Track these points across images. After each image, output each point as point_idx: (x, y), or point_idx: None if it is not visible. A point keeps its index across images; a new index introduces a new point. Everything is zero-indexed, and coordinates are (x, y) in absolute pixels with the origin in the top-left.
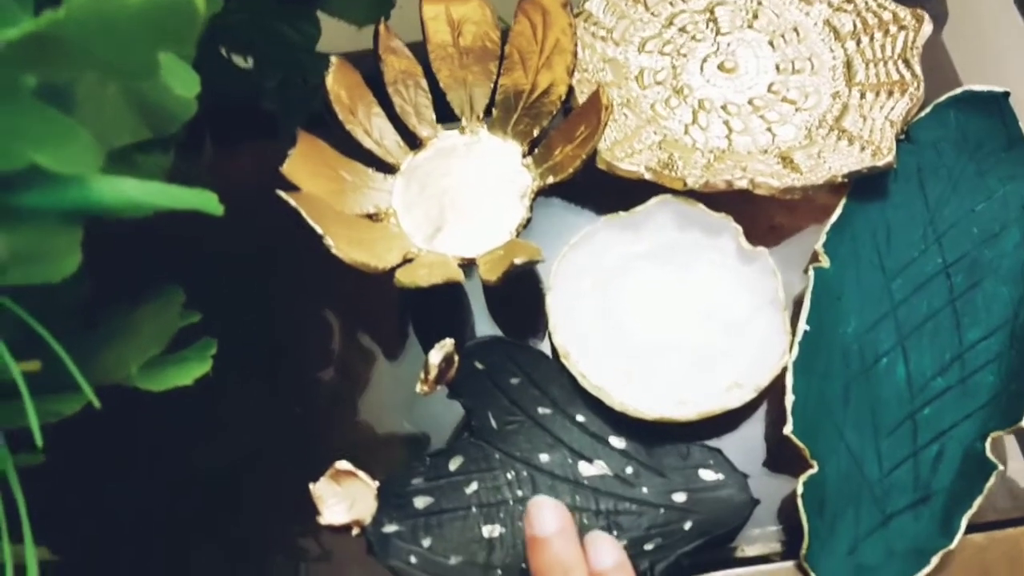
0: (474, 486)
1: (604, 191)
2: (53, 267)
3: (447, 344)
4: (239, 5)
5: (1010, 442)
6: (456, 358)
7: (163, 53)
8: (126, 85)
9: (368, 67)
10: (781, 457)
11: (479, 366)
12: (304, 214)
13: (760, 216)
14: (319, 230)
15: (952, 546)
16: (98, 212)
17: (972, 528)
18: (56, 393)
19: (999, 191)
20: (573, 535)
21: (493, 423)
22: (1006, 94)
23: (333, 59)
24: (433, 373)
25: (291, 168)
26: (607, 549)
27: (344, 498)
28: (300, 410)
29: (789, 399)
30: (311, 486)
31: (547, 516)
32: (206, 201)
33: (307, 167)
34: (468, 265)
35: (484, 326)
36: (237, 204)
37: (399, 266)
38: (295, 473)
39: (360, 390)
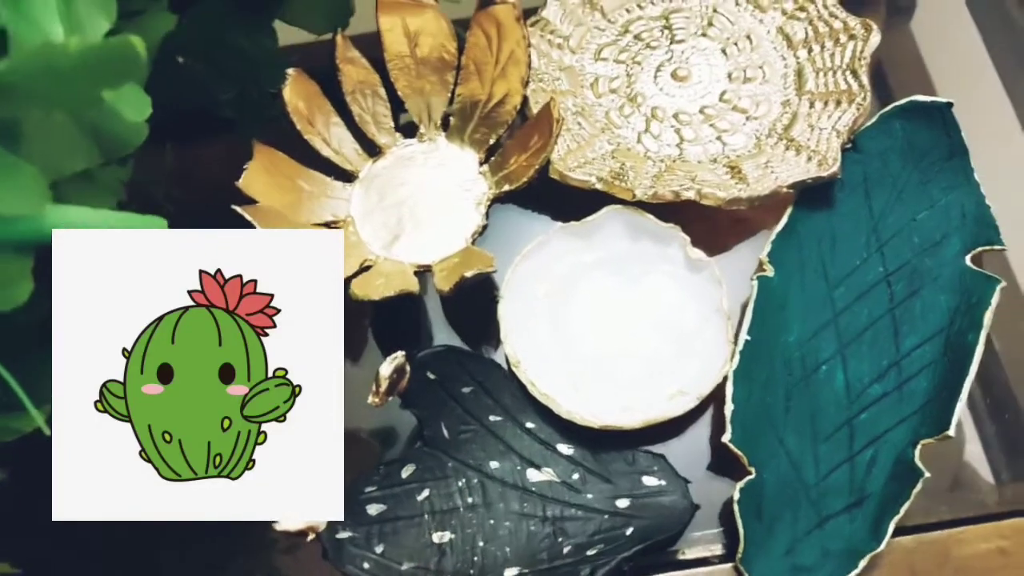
0: (426, 493)
1: (560, 199)
2: (6, 296)
3: (398, 356)
4: (195, 17)
5: (944, 445)
6: (408, 369)
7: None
8: (76, 115)
9: (326, 62)
10: (724, 462)
11: (431, 376)
12: (259, 227)
13: (710, 224)
14: None
15: (881, 548)
16: (48, 242)
17: (901, 531)
18: (12, 411)
19: (941, 200)
20: None
21: (446, 432)
22: (949, 104)
23: (290, 71)
24: (384, 385)
25: (248, 181)
26: None
27: None
28: None
29: (728, 408)
30: None
31: None
32: (156, 225)
33: (264, 179)
34: (425, 272)
35: (441, 332)
36: (201, 211)
37: (356, 274)
38: None
39: None
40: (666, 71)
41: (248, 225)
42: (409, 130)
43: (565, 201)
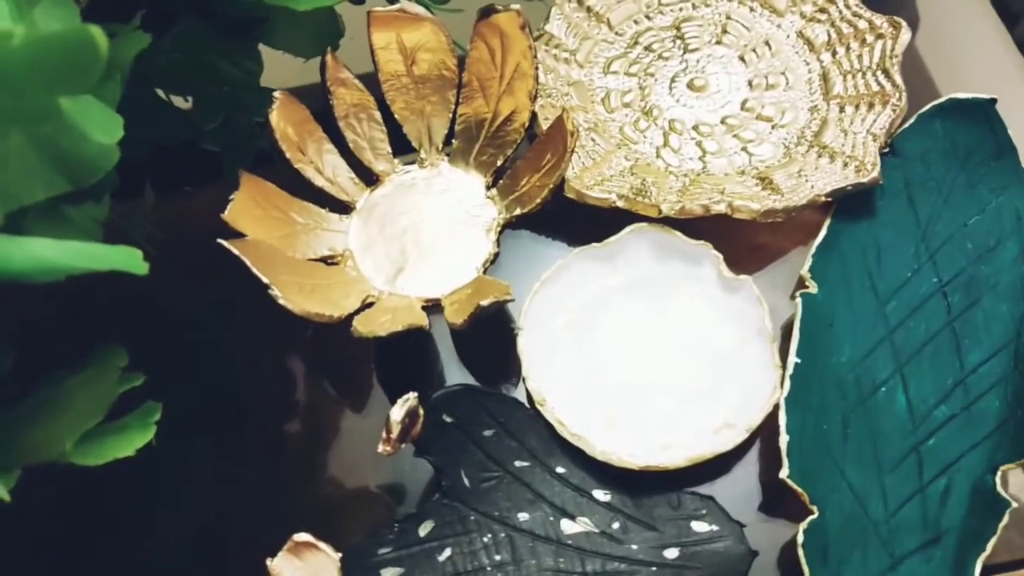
0: (447, 552)
1: (575, 221)
2: None
3: (410, 398)
4: (173, 43)
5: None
6: (421, 412)
7: (69, 97)
8: (34, 135)
9: (317, 101)
10: (778, 501)
11: (448, 419)
12: (248, 263)
13: (741, 239)
14: (264, 279)
15: None
16: (5, 278)
17: (987, 570)
18: None
19: (992, 203)
20: None
21: (466, 481)
22: (993, 100)
23: (277, 95)
24: (396, 431)
25: (234, 214)
26: None
27: (306, 573)
28: (258, 474)
29: (783, 439)
30: (268, 563)
31: None
32: (129, 259)
33: (252, 211)
34: (433, 306)
35: (454, 372)
36: (184, 254)
37: (358, 312)
38: (253, 544)
39: (323, 448)
40: (682, 82)
41: (236, 261)
42: (408, 154)
43: (582, 222)
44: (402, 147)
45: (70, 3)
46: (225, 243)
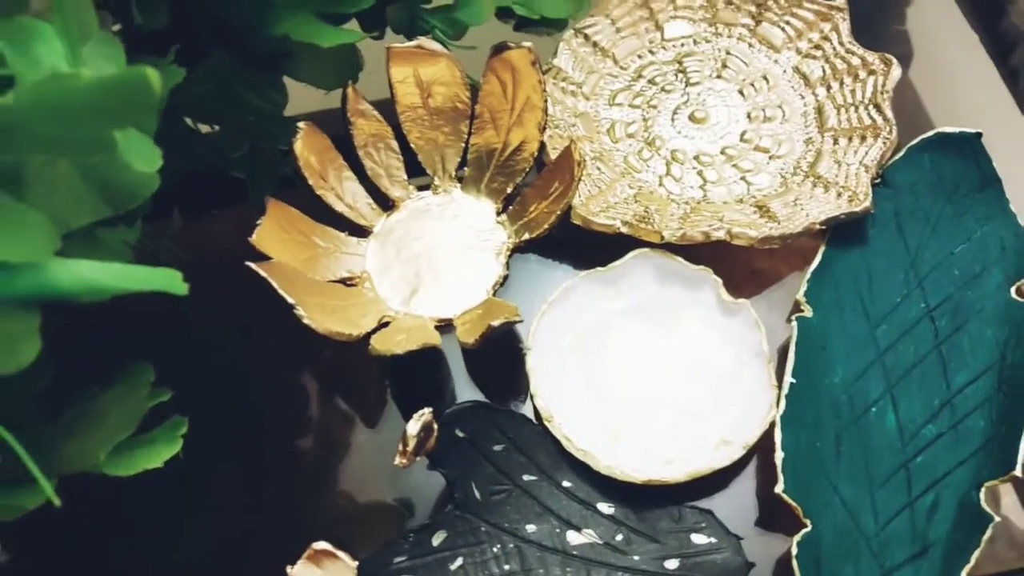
0: (459, 561)
1: (582, 245)
2: (9, 357)
3: (425, 413)
4: (203, 75)
5: (1011, 487)
6: (435, 427)
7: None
8: (82, 163)
9: (337, 127)
10: (774, 515)
11: (460, 434)
12: (275, 284)
13: (739, 263)
14: (291, 300)
15: None
16: (55, 298)
17: None
18: (19, 486)
19: (977, 232)
20: None
21: (477, 493)
22: (978, 135)
23: (301, 125)
24: (411, 445)
25: (261, 237)
26: None
27: None
28: (278, 487)
29: (779, 456)
30: (288, 570)
31: None
32: (170, 281)
33: (277, 235)
34: (446, 326)
35: (465, 389)
36: (208, 275)
37: (375, 331)
38: (274, 554)
39: (340, 462)
40: (683, 114)
41: (257, 283)
42: (423, 182)
43: (587, 247)
44: (417, 174)
45: (116, 42)
46: (253, 265)
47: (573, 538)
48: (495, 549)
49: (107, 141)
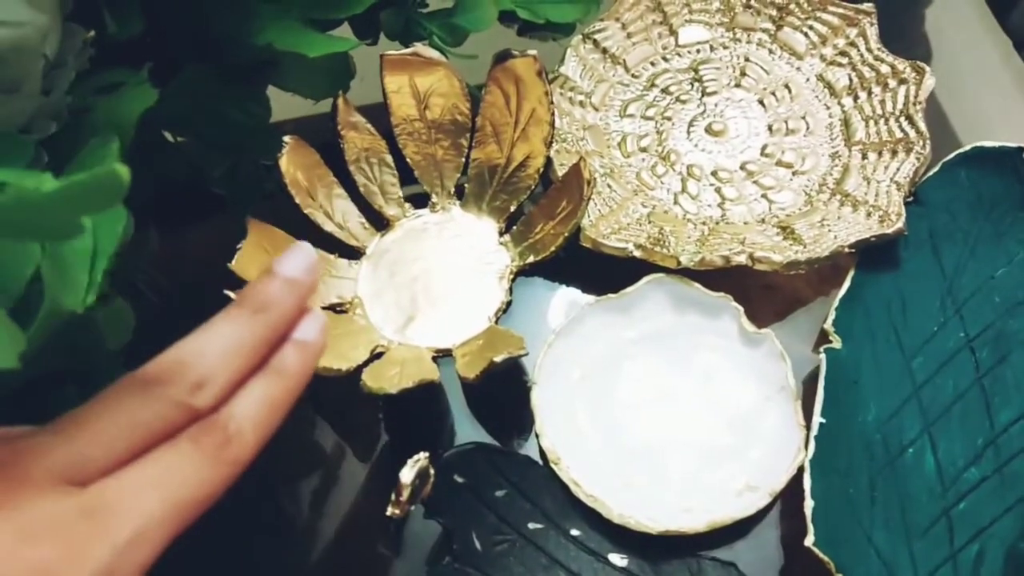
0: None
1: (590, 269)
2: None
3: (421, 458)
4: (179, 89)
5: None
6: (432, 472)
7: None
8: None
9: (326, 134)
10: (803, 567)
11: (459, 479)
12: None
13: (759, 287)
14: None
15: None
16: None
17: None
18: None
19: (1019, 254)
20: (305, 293)
21: (478, 544)
22: (1020, 149)
23: (287, 139)
24: (405, 494)
25: (242, 263)
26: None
27: None
28: (266, 537)
29: (808, 505)
30: None
31: (298, 260)
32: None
33: (259, 259)
34: (444, 356)
35: (464, 425)
36: (187, 298)
37: (366, 363)
38: None
39: (328, 510)
40: (700, 126)
41: None
42: (420, 200)
43: (597, 271)
44: (413, 188)
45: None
46: (232, 294)
47: None
48: None
49: (75, 227)
